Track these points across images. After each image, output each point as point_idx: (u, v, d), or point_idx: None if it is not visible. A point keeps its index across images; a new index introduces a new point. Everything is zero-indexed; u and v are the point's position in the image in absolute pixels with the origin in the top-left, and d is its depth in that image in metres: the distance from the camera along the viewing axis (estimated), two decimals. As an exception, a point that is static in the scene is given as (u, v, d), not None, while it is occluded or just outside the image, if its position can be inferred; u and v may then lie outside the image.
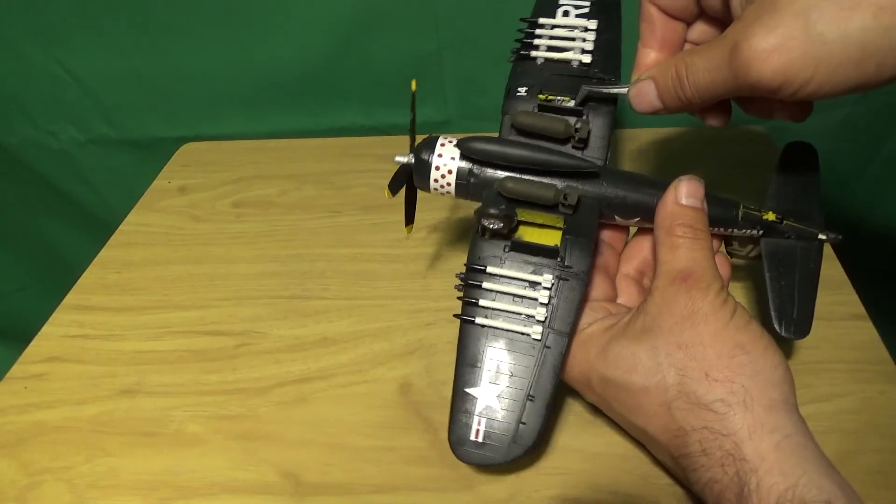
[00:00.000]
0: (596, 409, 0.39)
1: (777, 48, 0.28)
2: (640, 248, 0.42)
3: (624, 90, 0.38)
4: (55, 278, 0.84)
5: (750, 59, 0.29)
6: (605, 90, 0.39)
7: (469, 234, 0.39)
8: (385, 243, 0.44)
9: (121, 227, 0.60)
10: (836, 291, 0.47)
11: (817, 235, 0.40)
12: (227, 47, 0.67)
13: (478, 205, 0.38)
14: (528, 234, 0.38)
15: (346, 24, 0.64)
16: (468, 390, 0.36)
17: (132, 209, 0.62)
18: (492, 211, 0.36)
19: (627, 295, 0.41)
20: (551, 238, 0.38)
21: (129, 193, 0.65)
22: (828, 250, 0.50)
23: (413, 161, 0.40)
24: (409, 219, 0.43)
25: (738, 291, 0.48)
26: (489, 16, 0.60)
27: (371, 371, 0.45)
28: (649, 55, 0.38)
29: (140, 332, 0.49)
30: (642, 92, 0.36)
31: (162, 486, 0.39)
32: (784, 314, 0.38)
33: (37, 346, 0.49)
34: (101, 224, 0.82)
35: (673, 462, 0.34)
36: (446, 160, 0.39)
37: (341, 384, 0.44)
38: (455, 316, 0.37)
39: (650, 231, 0.41)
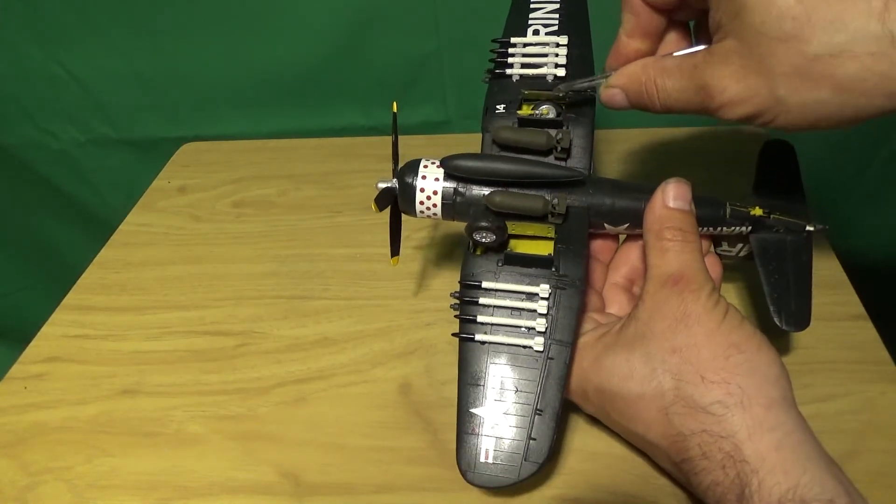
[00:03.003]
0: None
1: (743, 101, 0.31)
2: (628, 257, 0.42)
3: (598, 81, 0.38)
4: (55, 278, 0.84)
5: (719, 103, 0.32)
6: (579, 84, 0.39)
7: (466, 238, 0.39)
8: (385, 243, 0.44)
9: (121, 227, 0.60)
10: (836, 291, 0.47)
11: (805, 227, 0.40)
12: (227, 47, 0.67)
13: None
14: (521, 247, 0.38)
15: (346, 25, 0.64)
16: (473, 410, 0.35)
17: (132, 209, 0.62)
18: (482, 223, 0.36)
19: (618, 304, 0.41)
20: (543, 249, 0.38)
21: (129, 193, 0.65)
22: (827, 251, 0.50)
23: (397, 186, 0.39)
24: (395, 249, 0.42)
25: (732, 292, 0.48)
26: (489, 16, 0.60)
27: (371, 371, 0.45)
28: (630, 44, 0.38)
29: (140, 332, 0.49)
30: (614, 98, 0.37)
31: (162, 486, 0.39)
32: (782, 308, 0.39)
33: (37, 346, 0.49)
34: (101, 224, 0.82)
35: (674, 467, 0.34)
36: (431, 182, 0.39)
37: (341, 384, 0.44)
38: (454, 335, 0.37)
39: (637, 239, 0.41)
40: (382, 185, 0.40)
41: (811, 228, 0.40)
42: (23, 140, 0.77)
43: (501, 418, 0.35)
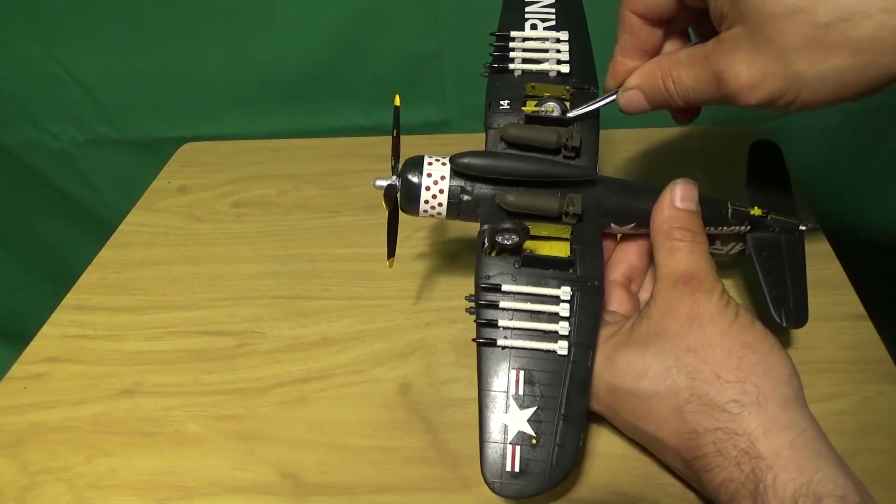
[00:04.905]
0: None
1: (759, 83, 0.30)
2: (626, 255, 0.42)
3: (610, 99, 0.39)
4: (55, 278, 0.84)
5: (735, 90, 0.31)
6: (591, 107, 0.39)
7: (469, 232, 0.39)
8: (385, 243, 0.44)
9: (121, 227, 0.60)
10: (836, 291, 0.47)
11: (798, 226, 0.41)
12: (227, 47, 0.67)
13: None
14: (538, 248, 0.37)
15: (346, 25, 0.64)
16: (496, 417, 0.34)
17: (132, 209, 0.62)
18: (506, 225, 0.35)
19: (618, 302, 0.41)
20: (559, 249, 0.37)
21: (129, 193, 0.65)
22: (827, 251, 0.50)
23: (399, 184, 0.38)
24: (392, 250, 0.41)
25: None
26: (489, 16, 0.60)
27: (371, 371, 0.45)
28: (627, 64, 0.38)
29: (140, 332, 0.49)
30: (633, 101, 0.37)
31: (162, 486, 0.39)
32: (781, 305, 0.40)
33: (37, 346, 0.49)
34: (101, 224, 0.82)
35: (684, 465, 0.34)
36: (436, 179, 0.38)
37: (341, 384, 0.44)
38: (473, 340, 0.35)
39: (634, 238, 0.41)
40: (381, 183, 0.39)
41: (804, 227, 0.41)
42: (23, 140, 0.77)
43: (526, 426, 0.33)
